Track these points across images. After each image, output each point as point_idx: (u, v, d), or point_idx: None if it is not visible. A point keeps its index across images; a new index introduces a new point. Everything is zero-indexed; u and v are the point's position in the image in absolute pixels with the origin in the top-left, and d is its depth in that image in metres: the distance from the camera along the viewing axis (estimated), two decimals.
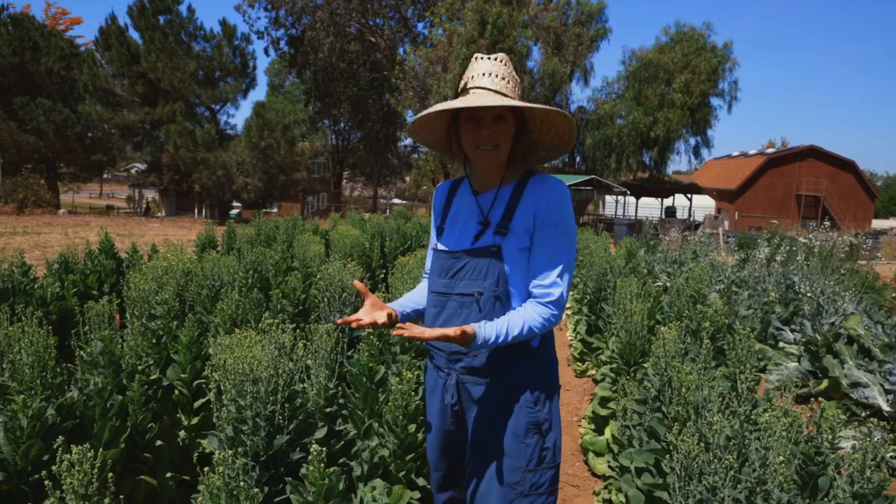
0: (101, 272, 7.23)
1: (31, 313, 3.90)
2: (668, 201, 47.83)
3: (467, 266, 2.17)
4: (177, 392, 4.39)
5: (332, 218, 13.37)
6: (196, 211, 41.50)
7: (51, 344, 3.53)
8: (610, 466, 4.46)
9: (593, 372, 6.99)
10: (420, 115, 2.17)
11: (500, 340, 2.00)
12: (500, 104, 2.00)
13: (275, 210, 41.66)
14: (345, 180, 57.85)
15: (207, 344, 4.66)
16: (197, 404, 4.38)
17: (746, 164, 46.17)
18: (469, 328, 1.95)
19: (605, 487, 4.44)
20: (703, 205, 49.17)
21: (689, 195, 45.32)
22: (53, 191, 42.29)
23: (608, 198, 45.48)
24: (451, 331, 1.92)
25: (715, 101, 39.51)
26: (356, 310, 4.70)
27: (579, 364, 7.46)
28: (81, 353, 3.93)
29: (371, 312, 2.17)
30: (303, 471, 2.21)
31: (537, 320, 2.04)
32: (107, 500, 1.61)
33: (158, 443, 3.94)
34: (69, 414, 3.46)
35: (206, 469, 2.01)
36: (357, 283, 2.24)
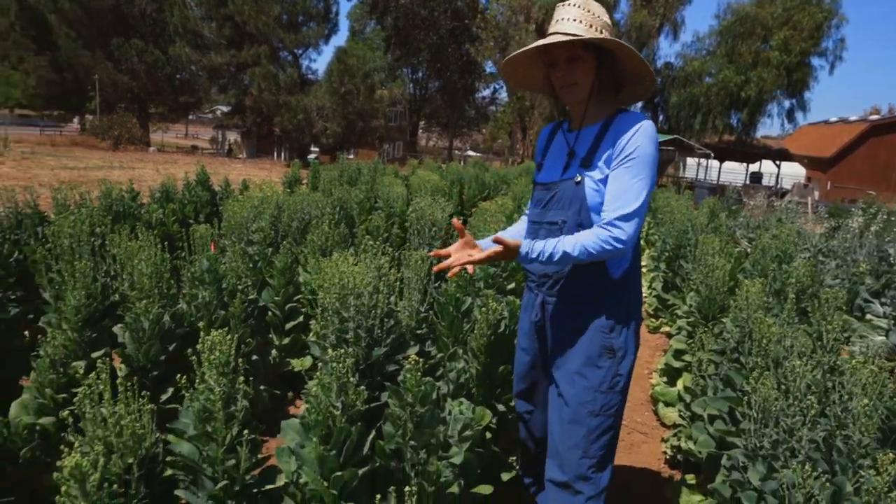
0: (198, 202, 7.67)
1: (145, 231, 4.25)
2: (753, 167, 45.66)
3: (555, 197, 2.36)
4: (270, 313, 4.71)
5: (410, 164, 13.56)
6: (275, 154, 42.69)
7: (166, 258, 3.86)
8: (681, 416, 4.53)
9: (667, 328, 6.98)
10: (504, 60, 2.36)
11: (545, 255, 2.15)
12: (553, 41, 2.15)
13: (351, 156, 42.35)
14: (420, 130, 57.97)
15: (298, 272, 4.94)
16: (288, 326, 4.68)
17: (845, 131, 43.20)
18: (513, 242, 2.15)
19: (675, 435, 4.51)
20: (792, 172, 46.63)
21: (777, 161, 43.08)
22: (144, 129, 44.31)
23: (689, 160, 43.80)
24: (493, 249, 2.16)
25: (816, 61, 36.89)
26: (444, 244, 4.88)
27: (653, 320, 7.45)
28: (187, 270, 4.26)
29: (462, 249, 2.31)
30: (400, 377, 2.39)
31: (595, 242, 2.13)
32: (241, 379, 1.85)
33: (254, 357, 4.28)
34: (180, 323, 3.80)
35: (318, 366, 2.21)
36: (456, 221, 2.38)
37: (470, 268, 2.24)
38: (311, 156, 39.99)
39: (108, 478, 1.28)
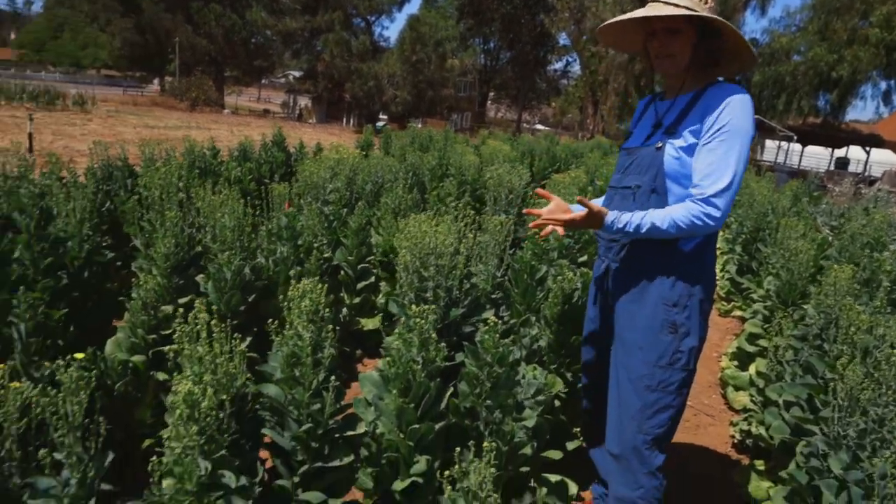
0: (273, 163, 7.86)
1: (228, 185, 4.40)
2: (839, 152, 43.12)
3: (634, 162, 2.34)
4: (342, 273, 4.81)
5: (480, 134, 13.51)
6: (344, 120, 43.16)
7: (249, 212, 3.99)
8: (752, 400, 4.41)
9: (739, 312, 6.77)
10: (604, 24, 2.37)
11: (632, 226, 2.11)
12: (658, 14, 2.10)
13: (419, 125, 42.42)
14: (489, 101, 57.45)
15: (371, 234, 5.02)
16: (359, 286, 4.78)
17: None
18: (598, 208, 2.12)
19: (745, 419, 4.40)
20: (883, 160, 43.76)
21: (867, 147, 40.56)
22: (220, 92, 45.54)
23: (769, 142, 41.82)
24: (580, 213, 2.15)
25: None
26: (519, 211, 4.86)
27: (724, 303, 7.24)
28: (266, 226, 4.39)
29: (554, 212, 2.29)
30: (477, 338, 2.41)
31: (685, 216, 2.07)
32: (329, 327, 1.91)
33: (326, 312, 4.40)
34: (259, 276, 3.93)
35: (393, 324, 2.25)
36: (541, 190, 2.36)
37: (560, 230, 2.22)
38: (380, 123, 40.31)
39: (212, 407, 1.35)
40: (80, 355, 2.24)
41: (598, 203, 2.72)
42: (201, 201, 4.27)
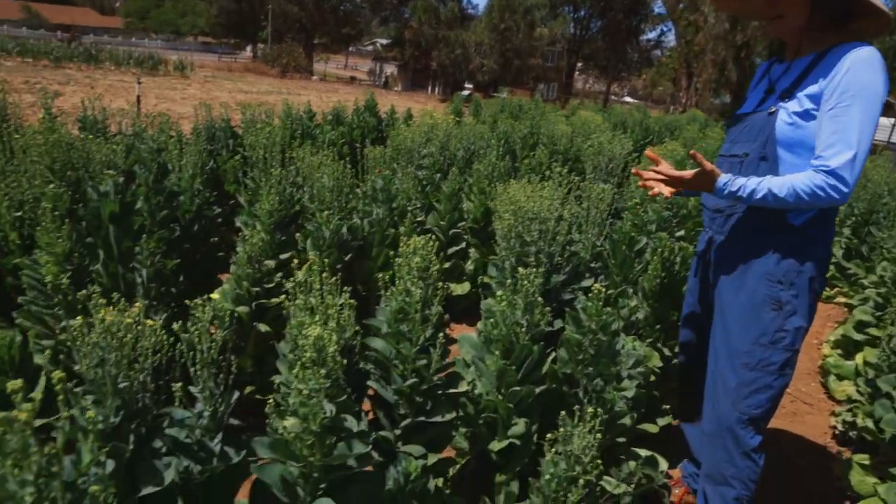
0: (365, 127, 7.98)
1: (325, 148, 4.49)
2: None
3: (744, 129, 2.21)
4: (434, 237, 4.85)
5: (571, 104, 13.22)
6: (429, 88, 43.20)
7: (347, 173, 4.07)
8: (858, 391, 4.17)
9: (843, 298, 6.40)
10: None
11: (747, 191, 1.99)
12: None
13: (504, 95, 41.94)
14: (577, 72, 56.00)
15: (463, 199, 5.02)
16: (450, 251, 4.81)
17: None
18: (712, 168, 2.01)
19: (849, 410, 4.18)
20: None
21: None
22: (309, 59, 46.50)
23: (883, 120, 38.71)
24: (689, 172, 2.05)
25: None
26: (620, 182, 4.73)
27: (827, 289, 6.85)
28: (361, 188, 4.47)
29: (663, 172, 2.21)
30: (579, 305, 2.38)
31: (808, 185, 1.91)
32: (440, 284, 1.94)
33: (435, 270, 4.46)
34: (355, 236, 4.02)
35: (504, 284, 2.25)
36: (650, 152, 2.27)
37: (666, 191, 2.15)
38: (465, 92, 40.12)
39: (337, 352, 1.39)
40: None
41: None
42: (301, 162, 4.40)
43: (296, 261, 2.12)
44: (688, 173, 2.08)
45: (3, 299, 3.19)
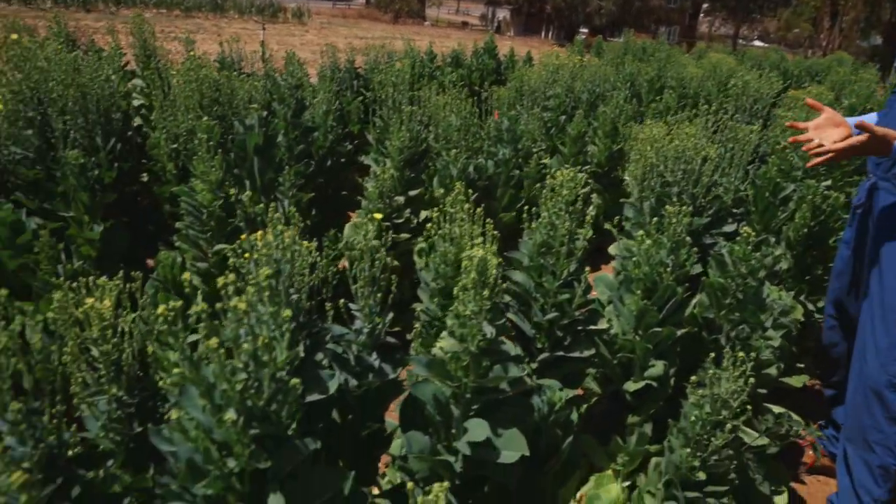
0: (484, 70, 7.87)
1: (454, 86, 4.47)
2: None
3: None
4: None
5: (698, 47, 12.42)
6: (543, 33, 41.85)
7: (475, 112, 4.05)
8: None
9: None
10: None
11: None
12: None
13: (621, 39, 39.98)
14: (702, 14, 52.27)
15: (587, 142, 4.88)
16: None
17: None
18: (886, 132, 1.83)
19: None
20: None
21: None
22: (421, 4, 46.13)
23: None
24: (858, 139, 1.85)
25: None
26: (765, 123, 4.42)
27: None
28: (486, 129, 4.43)
29: (825, 127, 2.01)
30: (724, 249, 2.26)
31: None
32: (589, 218, 1.91)
33: (580, 203, 4.42)
34: (481, 175, 4.01)
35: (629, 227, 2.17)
36: (810, 100, 2.07)
37: (828, 156, 1.96)
38: (580, 37, 38.57)
39: (496, 275, 1.40)
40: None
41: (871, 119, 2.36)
42: (427, 101, 4.41)
43: (457, 186, 2.12)
44: (857, 140, 1.87)
45: (161, 226, 3.47)
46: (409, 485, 1.08)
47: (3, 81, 2.95)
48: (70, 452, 1.16)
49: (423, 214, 3.96)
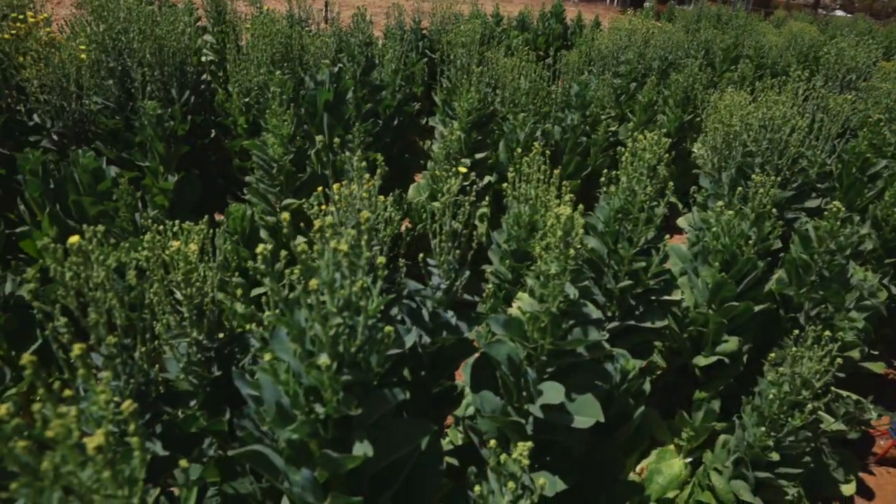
0: (550, 34, 7.67)
1: (521, 49, 4.37)
2: None
3: None
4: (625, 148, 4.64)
5: (775, 15, 11.81)
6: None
7: (545, 76, 3.95)
8: None
9: None
10: None
11: None
12: None
13: (689, 7, 38.39)
14: None
15: (657, 111, 4.71)
16: None
17: None
18: None
19: None
20: None
21: None
22: None
23: None
24: None
25: None
26: (856, 90, 4.18)
27: None
28: (555, 93, 4.32)
29: None
30: (812, 224, 2.16)
31: None
32: (672, 185, 1.83)
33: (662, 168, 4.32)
34: (548, 140, 3.93)
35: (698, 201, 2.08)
36: None
37: None
38: (647, 3, 37.23)
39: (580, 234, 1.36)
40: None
41: None
42: (495, 64, 4.32)
43: (535, 145, 2.07)
44: None
45: (229, 179, 3.52)
46: (492, 442, 1.07)
47: (88, 32, 3.02)
48: (155, 391, 1.19)
49: (486, 179, 3.91)
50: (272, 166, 2.87)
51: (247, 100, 3.25)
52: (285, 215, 1.05)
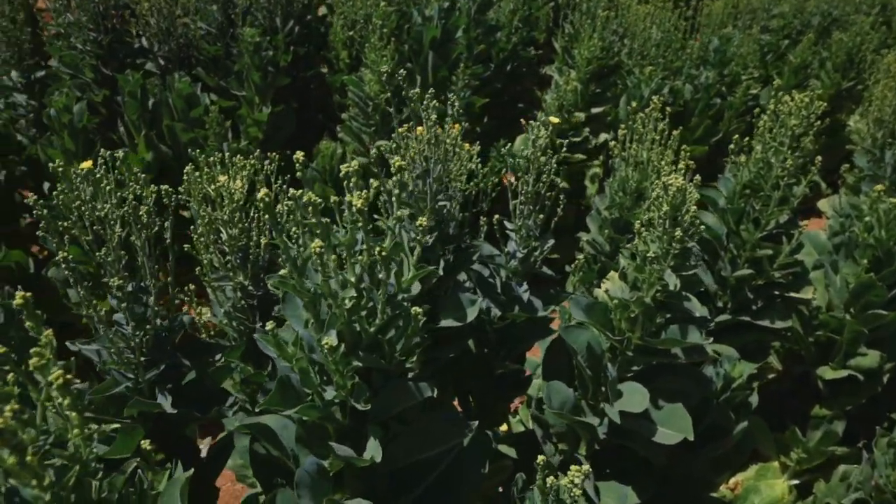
0: None
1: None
2: None
3: None
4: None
5: None
6: None
7: (680, 26, 3.52)
8: None
9: None
10: None
11: None
12: None
13: None
14: None
15: (812, 74, 4.13)
16: None
17: None
18: None
19: None
20: None
21: None
22: None
23: None
24: None
25: None
26: None
27: None
28: (692, 48, 3.86)
29: None
30: None
31: None
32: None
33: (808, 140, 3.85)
34: (675, 99, 3.52)
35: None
36: None
37: None
38: None
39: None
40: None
41: None
42: (626, 10, 3.91)
43: (653, 102, 1.78)
44: None
45: (329, 116, 3.42)
46: (540, 458, 0.87)
47: None
48: (175, 340, 1.06)
49: (602, 137, 3.58)
50: (367, 104, 2.71)
51: (351, 33, 3.09)
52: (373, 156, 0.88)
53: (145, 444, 0.88)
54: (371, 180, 0.77)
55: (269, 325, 0.76)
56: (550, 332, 1.43)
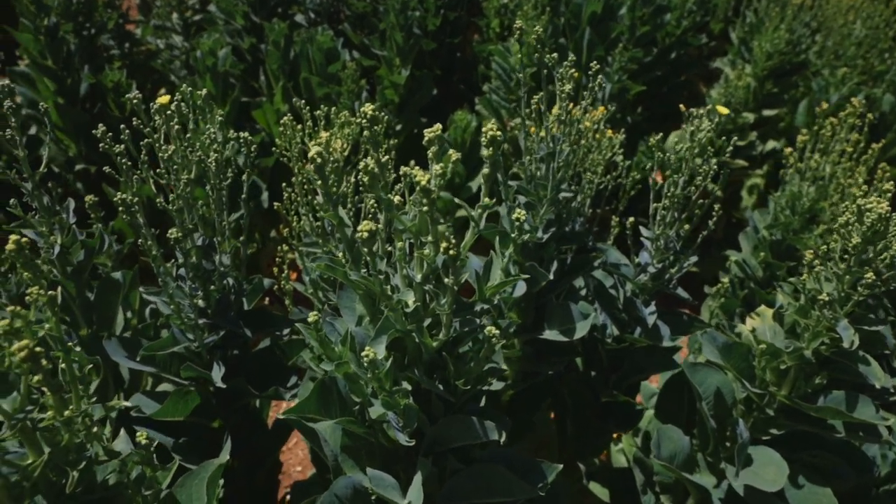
0: None
1: None
2: None
3: None
4: None
5: None
6: None
7: (890, 21, 3.00)
8: None
9: None
10: None
11: None
12: None
13: None
14: None
15: None
16: None
17: None
18: None
19: None
20: None
21: None
22: None
23: None
24: None
25: None
26: None
27: None
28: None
29: None
30: None
31: None
32: None
33: None
34: (872, 110, 3.02)
35: None
36: None
37: None
38: None
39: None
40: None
41: None
42: (825, 1, 3.40)
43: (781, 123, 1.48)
44: None
45: (472, 86, 3.27)
46: None
47: None
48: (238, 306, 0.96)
49: (770, 144, 3.16)
50: (510, 78, 2.53)
51: (506, 1, 2.90)
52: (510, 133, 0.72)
53: None
54: (451, 152, 0.61)
55: (312, 317, 0.63)
56: (675, 365, 1.19)
